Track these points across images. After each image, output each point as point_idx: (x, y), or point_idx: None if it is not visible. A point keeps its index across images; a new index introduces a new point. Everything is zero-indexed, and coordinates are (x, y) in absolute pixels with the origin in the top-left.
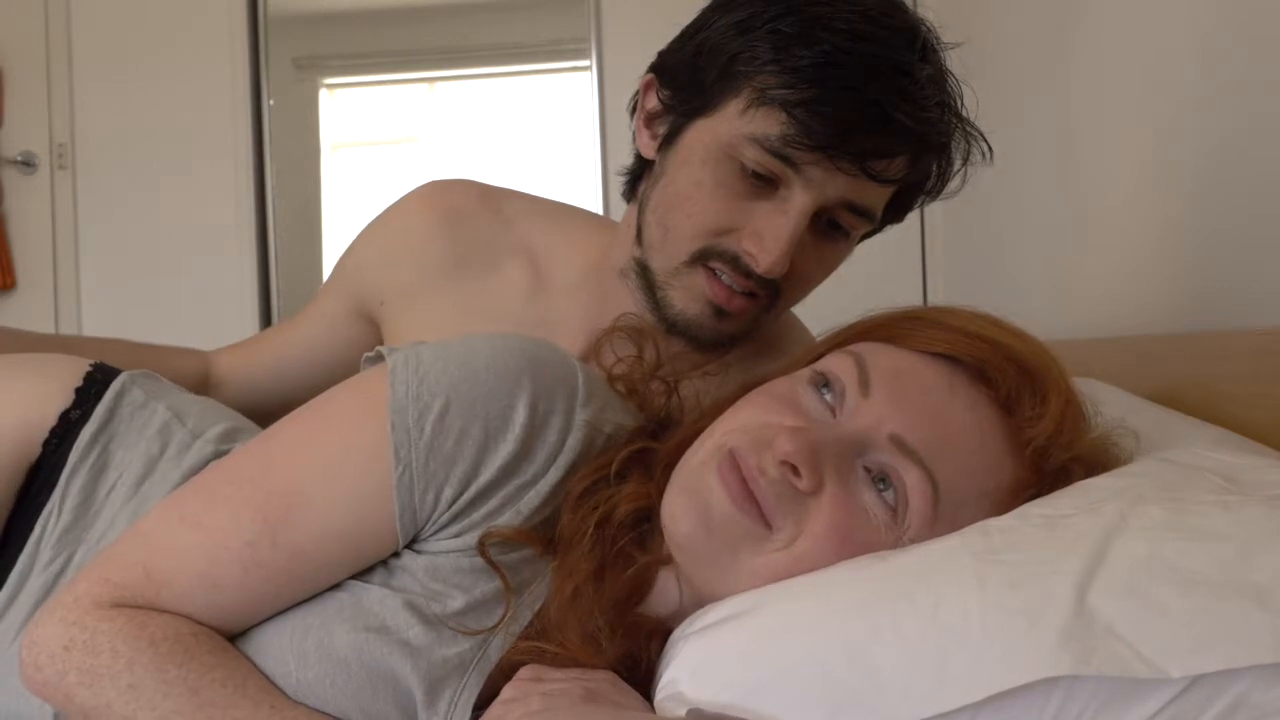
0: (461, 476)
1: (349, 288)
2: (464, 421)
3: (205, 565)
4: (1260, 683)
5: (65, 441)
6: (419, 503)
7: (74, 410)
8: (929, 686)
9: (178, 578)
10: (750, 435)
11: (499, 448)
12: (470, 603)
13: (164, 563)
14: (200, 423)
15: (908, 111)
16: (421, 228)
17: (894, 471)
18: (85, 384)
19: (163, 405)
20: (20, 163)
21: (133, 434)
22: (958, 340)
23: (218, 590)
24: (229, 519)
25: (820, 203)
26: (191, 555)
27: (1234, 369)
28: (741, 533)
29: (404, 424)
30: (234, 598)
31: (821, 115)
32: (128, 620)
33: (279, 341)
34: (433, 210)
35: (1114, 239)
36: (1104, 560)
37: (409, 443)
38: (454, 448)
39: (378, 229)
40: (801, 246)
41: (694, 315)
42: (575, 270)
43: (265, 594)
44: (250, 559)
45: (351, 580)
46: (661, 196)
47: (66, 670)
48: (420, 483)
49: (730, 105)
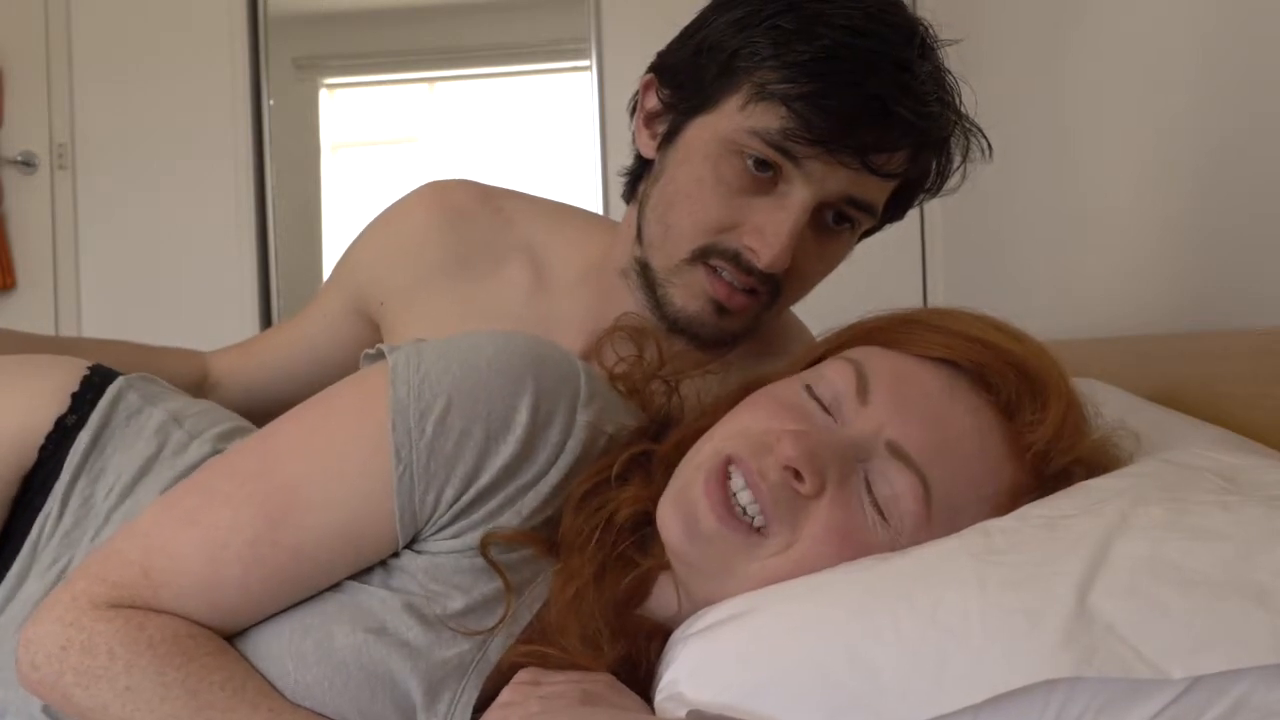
0: (463, 477)
1: (349, 288)
2: (466, 422)
3: (204, 564)
4: (1261, 684)
5: (61, 448)
6: (419, 503)
7: (70, 416)
8: (929, 688)
9: (177, 578)
10: (750, 440)
11: (500, 449)
12: (470, 603)
13: (162, 562)
14: (197, 424)
15: (908, 106)
16: (422, 228)
17: (889, 478)
18: (81, 388)
19: (159, 409)
20: (20, 163)
21: (129, 437)
22: (957, 345)
23: (217, 590)
24: (228, 517)
25: (821, 197)
26: (190, 554)
27: (1234, 369)
28: (728, 545)
29: (405, 424)
30: (233, 597)
31: (822, 109)
32: (125, 622)
33: (278, 342)
34: (434, 210)
35: (1114, 239)
36: (1105, 561)
37: (410, 443)
38: (455, 448)
39: (378, 229)
40: (802, 243)
41: (695, 313)
42: (576, 269)
43: (265, 593)
44: (251, 557)
45: (350, 581)
46: (661, 195)
47: (63, 671)
48: (421, 483)
49: (730, 101)
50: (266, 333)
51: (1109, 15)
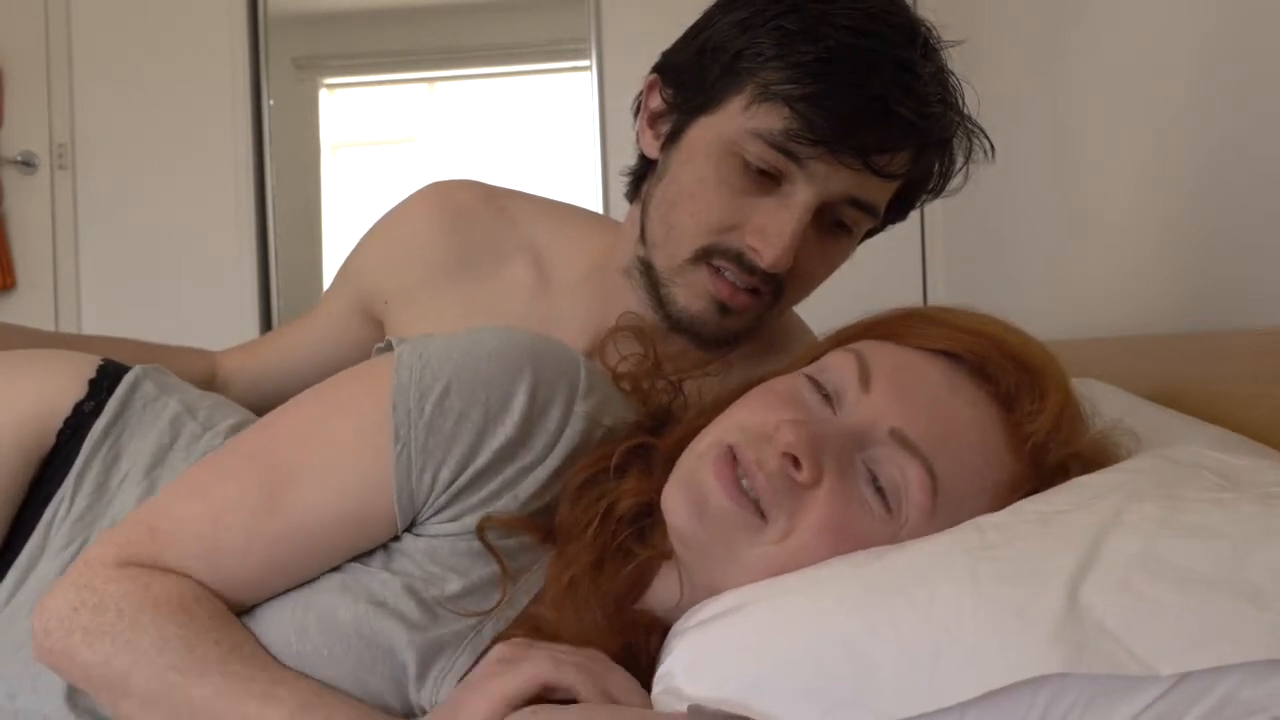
0: (459, 458)
1: (353, 289)
2: (464, 404)
3: (208, 529)
4: (1249, 679)
5: (78, 432)
6: (416, 483)
7: (87, 402)
8: (924, 683)
9: (181, 539)
10: (749, 431)
11: (497, 431)
12: (467, 586)
13: (168, 525)
14: (211, 416)
15: (910, 106)
16: (425, 228)
17: (894, 466)
18: (98, 376)
19: (174, 399)
20: (20, 163)
21: (144, 425)
22: (958, 337)
23: (219, 555)
24: (233, 488)
25: (823, 197)
26: (195, 520)
27: (1234, 369)
28: (737, 524)
29: (405, 404)
30: (235, 565)
31: (824, 109)
32: (132, 582)
33: (283, 344)
34: (437, 211)
35: (1114, 239)
36: (1097, 557)
37: (409, 422)
38: (453, 428)
39: (382, 231)
40: (805, 243)
41: (697, 312)
42: (578, 269)
43: (267, 565)
44: (253, 527)
45: (352, 563)
46: (664, 194)
47: (72, 630)
48: (418, 461)
49: (733, 102)
50: (272, 334)
51: (1109, 15)
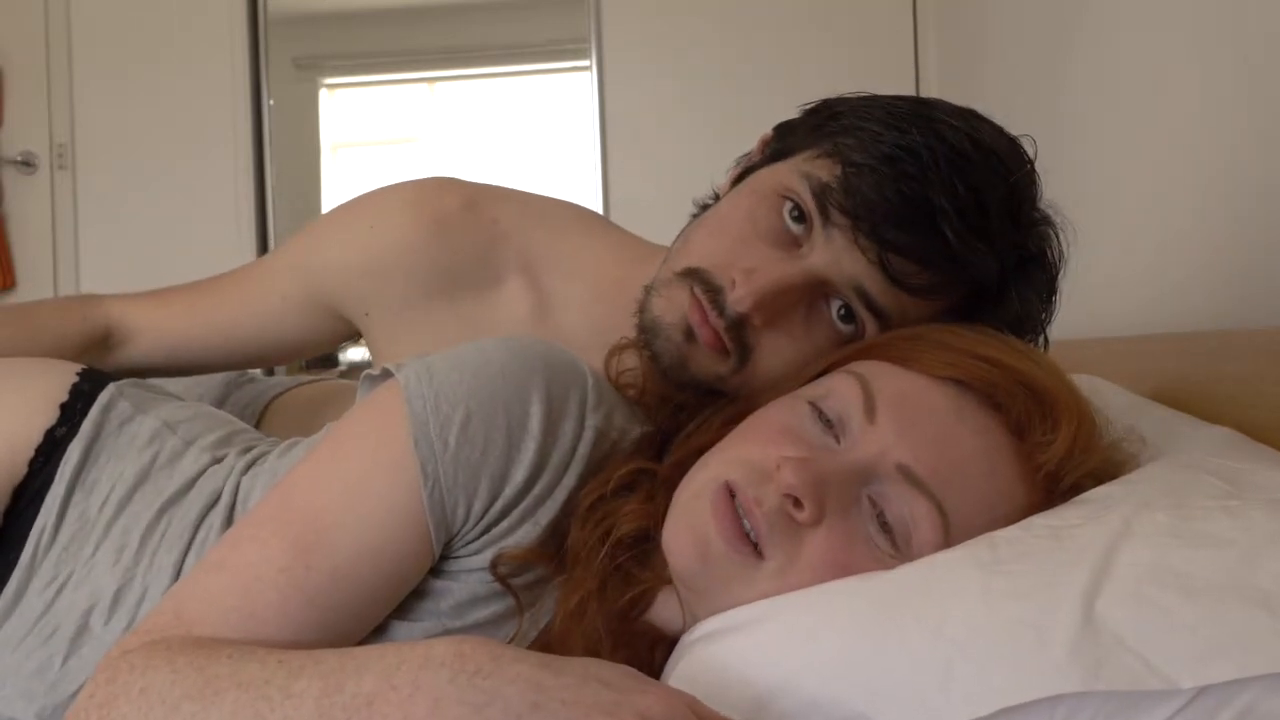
0: (489, 488)
1: (316, 281)
2: (486, 429)
3: (239, 599)
4: (1268, 691)
5: (51, 460)
6: (451, 517)
7: (59, 428)
8: (936, 700)
9: (209, 614)
10: (749, 467)
11: (521, 456)
12: (481, 620)
13: (194, 605)
14: (191, 430)
15: (955, 230)
16: (403, 238)
17: (902, 502)
18: (70, 398)
19: (151, 416)
20: (20, 163)
21: (121, 447)
22: (965, 363)
23: (254, 619)
24: (257, 554)
25: (832, 273)
26: (222, 594)
27: (1234, 369)
28: (735, 567)
29: (427, 438)
30: (273, 626)
31: (870, 183)
32: (149, 647)
33: (214, 313)
34: (420, 219)
35: (1114, 239)
36: (1110, 569)
37: (434, 457)
38: (480, 458)
39: (358, 229)
40: (789, 314)
41: (666, 325)
42: (578, 286)
43: (307, 621)
44: (286, 584)
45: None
46: (703, 218)
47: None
48: (450, 497)
49: (805, 154)
50: (186, 289)
51: (1111, 16)
